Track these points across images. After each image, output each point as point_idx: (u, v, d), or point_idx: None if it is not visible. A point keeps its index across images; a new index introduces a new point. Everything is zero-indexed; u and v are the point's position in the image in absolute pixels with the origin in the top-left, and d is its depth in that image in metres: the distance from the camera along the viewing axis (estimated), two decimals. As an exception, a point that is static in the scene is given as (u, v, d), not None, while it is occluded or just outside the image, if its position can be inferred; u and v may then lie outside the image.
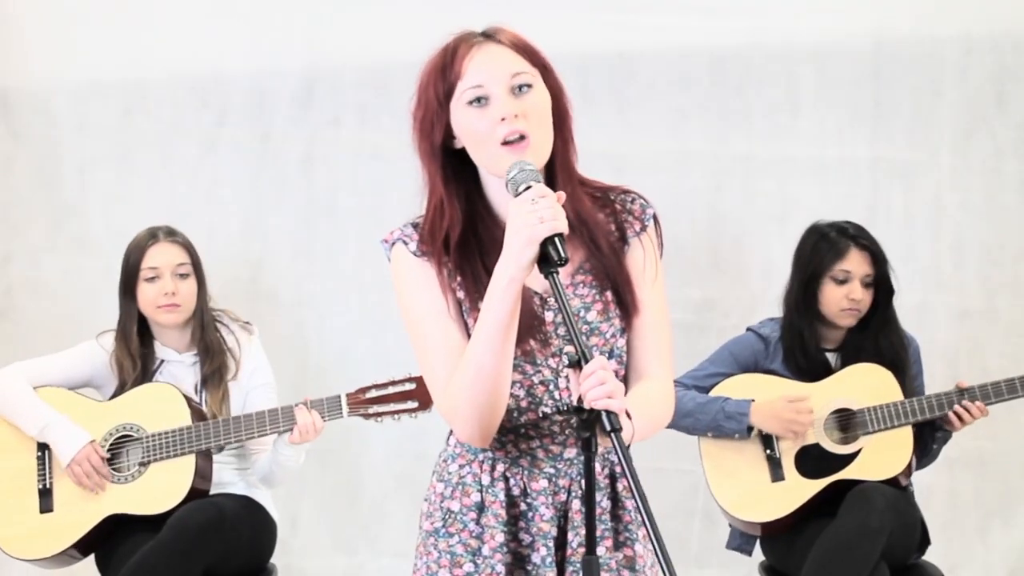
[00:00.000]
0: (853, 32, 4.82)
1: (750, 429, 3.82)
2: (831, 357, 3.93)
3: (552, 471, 2.26)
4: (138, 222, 4.09)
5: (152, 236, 3.86)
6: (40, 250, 4.95)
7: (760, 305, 4.48)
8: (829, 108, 4.86)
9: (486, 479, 2.28)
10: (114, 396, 3.83)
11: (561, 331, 2.24)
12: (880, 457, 3.80)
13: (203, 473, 3.75)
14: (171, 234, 3.89)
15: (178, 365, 3.87)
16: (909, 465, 3.82)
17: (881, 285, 3.88)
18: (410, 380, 3.76)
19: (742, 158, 4.86)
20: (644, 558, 2.29)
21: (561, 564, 2.26)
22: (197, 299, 3.88)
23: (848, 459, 3.82)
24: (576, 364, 2.08)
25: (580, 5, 4.81)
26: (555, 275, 2.09)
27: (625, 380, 2.29)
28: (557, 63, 2.31)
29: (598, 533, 2.24)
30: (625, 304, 2.27)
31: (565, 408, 2.24)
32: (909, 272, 4.63)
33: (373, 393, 3.77)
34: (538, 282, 2.19)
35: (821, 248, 3.90)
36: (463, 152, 2.27)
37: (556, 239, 2.07)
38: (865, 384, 3.84)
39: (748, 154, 4.88)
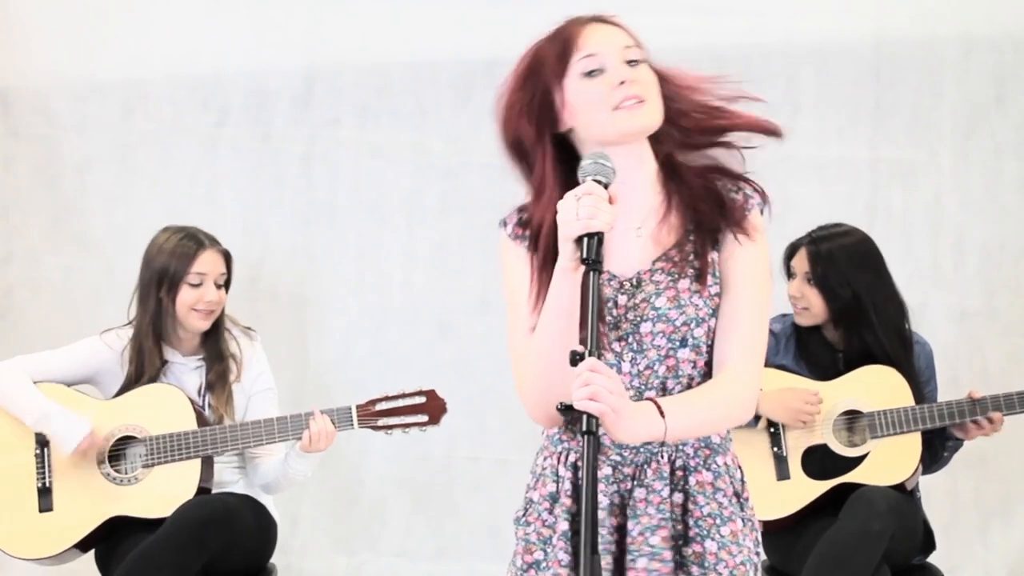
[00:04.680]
0: (853, 32, 4.83)
1: (757, 418, 3.82)
2: (839, 357, 3.93)
3: (618, 459, 2.28)
4: (138, 222, 4.10)
5: (199, 243, 3.83)
6: (40, 250, 4.95)
7: (760, 305, 4.48)
8: (829, 108, 4.86)
9: (562, 470, 2.31)
10: (118, 394, 3.82)
11: (631, 315, 2.26)
12: (887, 462, 3.79)
13: (206, 478, 3.74)
14: (215, 242, 3.88)
15: (182, 368, 3.86)
16: (915, 471, 3.82)
17: (821, 284, 3.84)
18: (420, 394, 3.75)
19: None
20: (716, 555, 2.28)
21: (621, 551, 2.27)
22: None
23: (855, 462, 3.81)
24: (581, 360, 2.09)
25: (580, 6, 4.80)
26: (592, 273, 2.10)
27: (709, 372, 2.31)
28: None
29: (656, 522, 2.26)
30: (709, 292, 2.27)
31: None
32: (909, 272, 4.63)
33: (383, 405, 3.76)
34: (617, 266, 2.24)
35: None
36: (563, 141, 2.29)
37: (588, 238, 2.10)
38: (876, 386, 3.82)
39: (748, 154, 4.86)
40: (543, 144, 2.28)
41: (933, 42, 4.81)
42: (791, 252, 3.93)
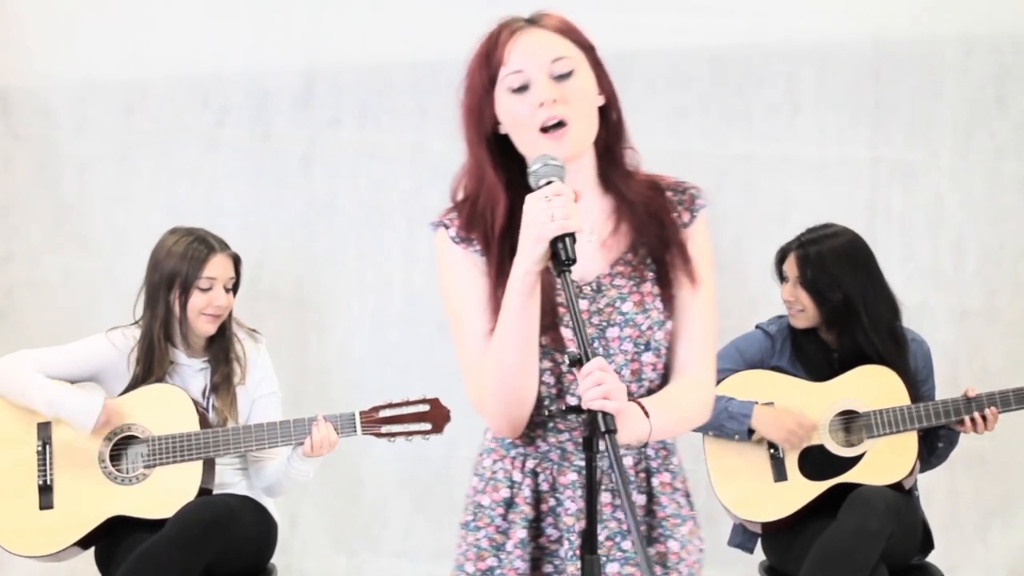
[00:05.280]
0: (853, 32, 4.83)
1: (751, 432, 3.82)
2: (834, 358, 3.92)
3: (582, 464, 2.25)
4: (138, 222, 4.09)
5: (210, 247, 3.82)
6: (40, 250, 4.95)
7: (760, 305, 4.48)
8: (829, 108, 4.86)
9: (517, 475, 2.29)
10: (123, 394, 3.82)
11: (595, 320, 2.25)
12: (884, 461, 3.79)
13: (208, 479, 3.74)
14: (224, 246, 3.87)
15: (187, 369, 3.86)
16: (913, 470, 3.82)
17: (811, 288, 3.84)
18: (424, 402, 3.75)
19: (742, 158, 4.87)
20: (678, 555, 2.29)
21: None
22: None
23: (852, 462, 3.81)
24: (577, 363, 2.08)
25: (580, 5, 4.79)
26: (566, 274, 2.09)
27: (664, 376, 2.30)
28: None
29: (626, 527, 2.26)
30: (669, 294, 2.27)
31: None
32: (909, 272, 4.64)
33: (387, 413, 3.75)
34: (575, 270, 2.19)
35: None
36: (509, 139, 2.27)
37: (566, 239, 2.08)
38: (872, 386, 3.82)
39: (748, 154, 4.88)
40: (483, 148, 2.26)
41: (933, 42, 4.81)
42: (782, 256, 3.93)
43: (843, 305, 3.82)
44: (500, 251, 2.23)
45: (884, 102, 4.84)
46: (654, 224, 2.28)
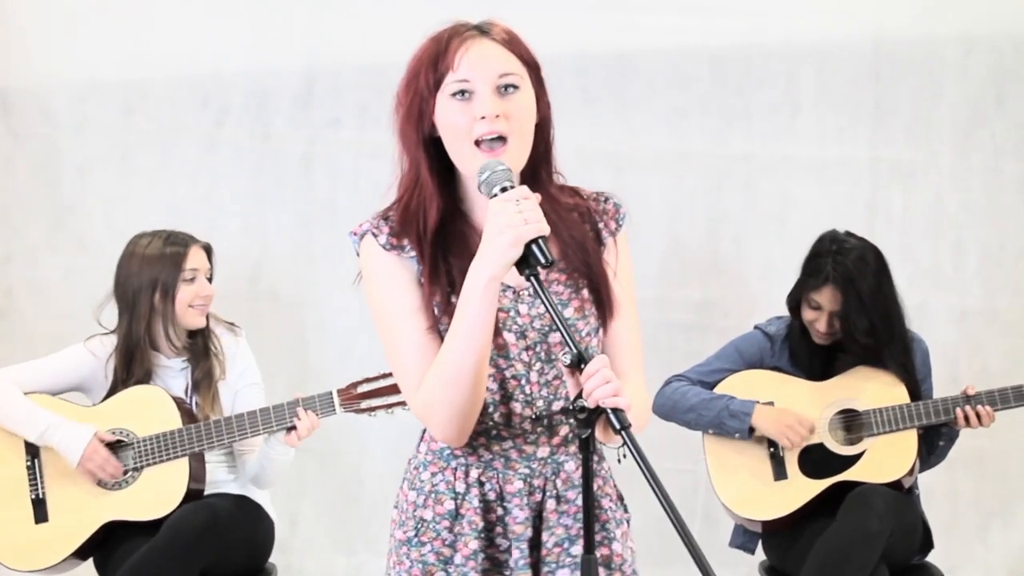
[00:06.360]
0: (853, 32, 4.83)
1: (751, 430, 3.82)
2: (835, 357, 3.91)
3: (527, 471, 2.26)
4: (138, 222, 4.08)
5: (184, 242, 3.82)
6: (40, 250, 4.95)
7: (760, 305, 4.49)
8: (829, 108, 4.86)
9: (460, 486, 2.26)
10: (103, 400, 3.82)
11: (537, 324, 2.24)
12: (884, 460, 3.79)
13: (197, 475, 3.74)
14: (194, 239, 3.87)
15: (168, 371, 3.85)
16: (912, 468, 3.82)
17: (847, 322, 3.78)
18: None
19: (742, 158, 4.86)
20: (621, 556, 2.30)
21: (536, 565, 2.26)
22: None
23: (852, 460, 3.81)
24: (576, 364, 2.07)
25: (580, 5, 4.81)
26: (536, 276, 2.09)
27: None
28: (557, 63, 2.30)
29: (575, 532, 2.26)
30: (603, 303, 2.27)
31: (537, 409, 2.24)
32: (909, 272, 4.64)
33: (364, 388, 3.75)
34: (510, 276, 2.17)
35: (808, 267, 3.84)
36: (441, 143, 2.26)
37: (540, 241, 2.08)
38: (872, 385, 3.82)
39: (748, 154, 4.88)
40: (420, 150, 2.25)
41: (933, 42, 4.82)
42: (814, 287, 3.80)
43: (869, 328, 3.79)
44: (433, 255, 2.22)
45: (884, 102, 4.85)
46: (577, 247, 2.28)
